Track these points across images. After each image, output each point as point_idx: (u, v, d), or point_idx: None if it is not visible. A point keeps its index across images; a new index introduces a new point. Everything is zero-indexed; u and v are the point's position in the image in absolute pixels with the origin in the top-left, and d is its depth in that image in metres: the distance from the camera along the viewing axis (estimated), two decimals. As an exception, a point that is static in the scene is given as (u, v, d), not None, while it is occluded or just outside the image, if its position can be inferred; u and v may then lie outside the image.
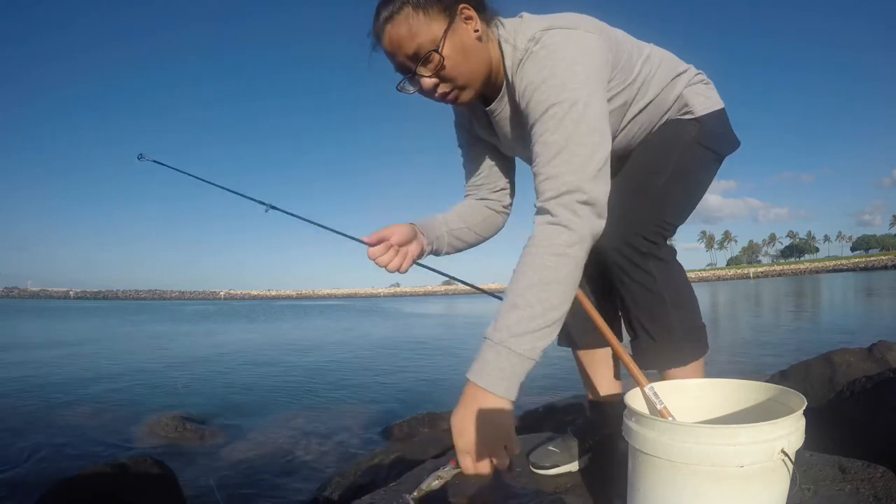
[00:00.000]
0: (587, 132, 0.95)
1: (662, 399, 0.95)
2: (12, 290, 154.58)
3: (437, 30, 1.01)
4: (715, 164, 1.27)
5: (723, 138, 1.26)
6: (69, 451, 3.65)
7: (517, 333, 0.88)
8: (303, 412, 4.83)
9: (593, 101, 0.98)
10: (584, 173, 0.93)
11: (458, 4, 1.03)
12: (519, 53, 1.05)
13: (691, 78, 1.25)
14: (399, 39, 1.01)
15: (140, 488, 2.23)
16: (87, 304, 65.67)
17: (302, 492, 2.84)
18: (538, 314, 0.88)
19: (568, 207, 0.92)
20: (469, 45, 1.04)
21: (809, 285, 38.26)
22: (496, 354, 0.88)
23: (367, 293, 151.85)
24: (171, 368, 8.02)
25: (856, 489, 1.04)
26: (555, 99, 0.97)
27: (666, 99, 1.22)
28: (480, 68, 1.07)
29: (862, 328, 9.14)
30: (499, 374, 0.88)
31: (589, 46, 1.03)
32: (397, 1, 1.01)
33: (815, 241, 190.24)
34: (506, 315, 0.90)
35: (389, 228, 1.18)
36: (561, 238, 0.91)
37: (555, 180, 0.93)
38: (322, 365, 8.17)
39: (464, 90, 1.08)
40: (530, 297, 0.89)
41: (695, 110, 1.22)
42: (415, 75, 1.05)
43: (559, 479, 1.23)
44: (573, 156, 0.94)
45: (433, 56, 1.01)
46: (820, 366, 2.59)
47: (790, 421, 0.77)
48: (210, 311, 39.34)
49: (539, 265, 0.90)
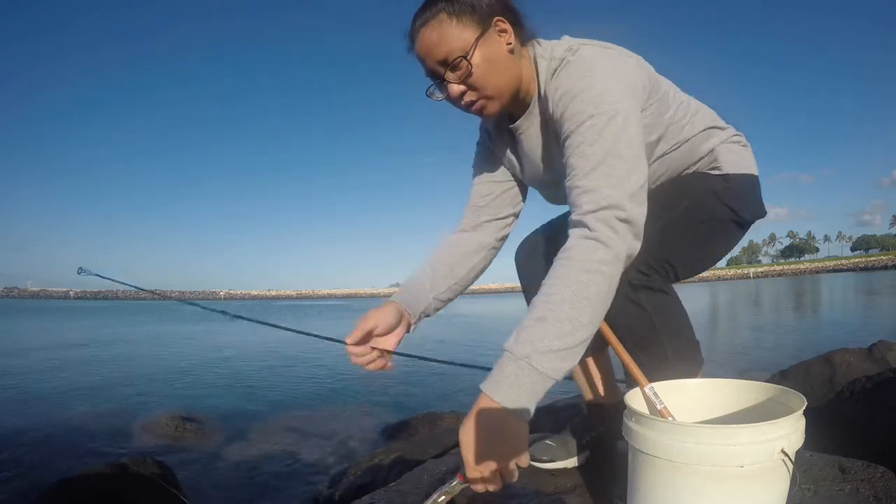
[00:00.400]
0: (626, 146, 0.93)
1: (662, 399, 0.95)
2: (12, 290, 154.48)
3: (469, 37, 1.01)
4: (734, 226, 1.22)
5: (746, 202, 1.21)
6: (69, 451, 3.65)
7: (541, 350, 0.84)
8: (302, 412, 4.82)
9: (632, 117, 0.96)
10: (622, 189, 0.90)
11: (494, 16, 1.03)
12: (554, 63, 1.05)
13: (728, 136, 1.23)
14: (431, 44, 1.02)
15: (140, 488, 2.23)
16: (87, 304, 65.65)
17: (302, 491, 2.84)
18: (566, 332, 0.85)
19: (606, 223, 0.89)
20: (499, 57, 1.04)
21: (809, 285, 38.25)
22: (517, 369, 0.84)
23: (367, 293, 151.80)
24: (171, 368, 8.01)
25: (856, 489, 1.04)
26: (594, 109, 0.95)
27: (697, 148, 1.19)
28: (509, 81, 1.07)
29: (862, 328, 9.14)
30: (517, 390, 0.84)
31: (627, 65, 1.03)
32: (434, 7, 1.02)
33: (815, 241, 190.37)
34: (531, 328, 0.85)
35: (372, 317, 1.12)
36: (597, 254, 0.88)
37: (593, 194, 0.90)
38: (322, 365, 8.17)
39: (491, 100, 1.07)
40: (560, 312, 0.85)
41: (723, 167, 1.19)
42: (443, 81, 1.05)
43: (559, 478, 1.23)
44: (612, 169, 0.91)
45: (461, 63, 1.01)
46: (820, 366, 2.58)
47: (790, 421, 0.77)
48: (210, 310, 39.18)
49: (572, 280, 0.87)
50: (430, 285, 1.24)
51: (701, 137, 1.19)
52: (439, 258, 1.28)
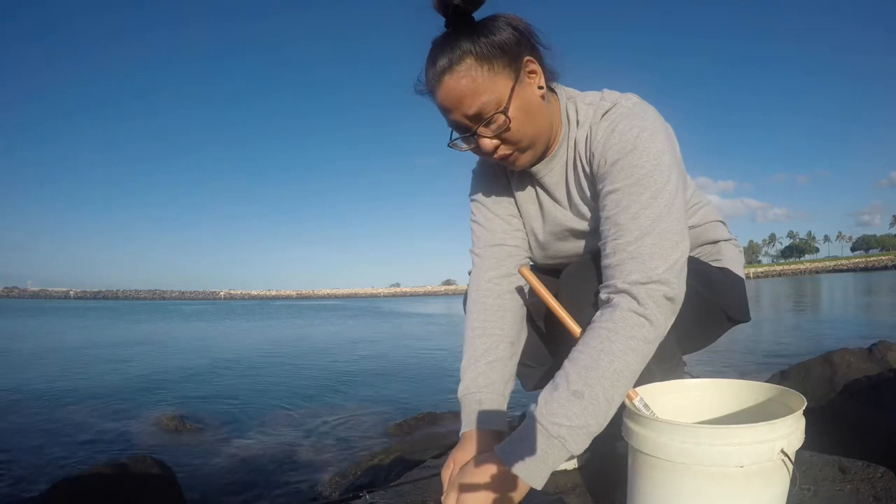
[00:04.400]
0: (677, 219, 0.88)
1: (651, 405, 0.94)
2: (12, 290, 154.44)
3: (503, 87, 0.90)
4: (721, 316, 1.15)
5: (735, 299, 1.16)
6: (69, 450, 3.65)
7: (576, 429, 0.81)
8: (302, 412, 4.82)
9: (681, 188, 0.92)
10: (670, 262, 0.86)
11: (523, 57, 0.92)
12: (605, 104, 0.97)
13: (732, 237, 1.22)
14: (459, 96, 0.89)
15: (140, 488, 2.23)
16: (87, 304, 65.63)
17: (302, 491, 2.84)
18: (602, 412, 0.82)
19: (655, 300, 0.85)
20: (534, 105, 0.95)
21: (809, 286, 38.24)
22: (548, 446, 0.81)
23: (366, 293, 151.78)
24: (171, 367, 8.01)
25: (856, 489, 1.04)
26: (651, 168, 0.88)
27: (705, 234, 1.17)
28: (543, 130, 0.98)
29: (862, 328, 9.14)
30: (542, 465, 0.82)
31: (672, 133, 0.98)
32: (458, 49, 0.88)
33: (815, 242, 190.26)
34: (566, 403, 0.82)
35: (461, 461, 0.94)
36: (643, 332, 0.84)
37: (643, 263, 0.86)
38: (322, 365, 8.17)
39: (525, 152, 0.98)
40: (599, 389, 0.82)
41: (724, 262, 1.17)
42: (473, 135, 0.94)
43: (559, 478, 1.23)
44: (663, 239, 0.86)
45: (498, 118, 0.91)
46: (820, 366, 2.59)
47: (790, 421, 0.77)
48: (209, 311, 39.32)
49: (616, 357, 0.83)
50: (502, 389, 1.05)
51: (709, 227, 1.17)
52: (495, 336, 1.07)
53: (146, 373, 7.53)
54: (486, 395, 1.02)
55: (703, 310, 1.05)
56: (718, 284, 1.13)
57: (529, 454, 0.82)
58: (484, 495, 0.83)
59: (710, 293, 1.09)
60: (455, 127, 0.95)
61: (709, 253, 1.19)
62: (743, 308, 1.19)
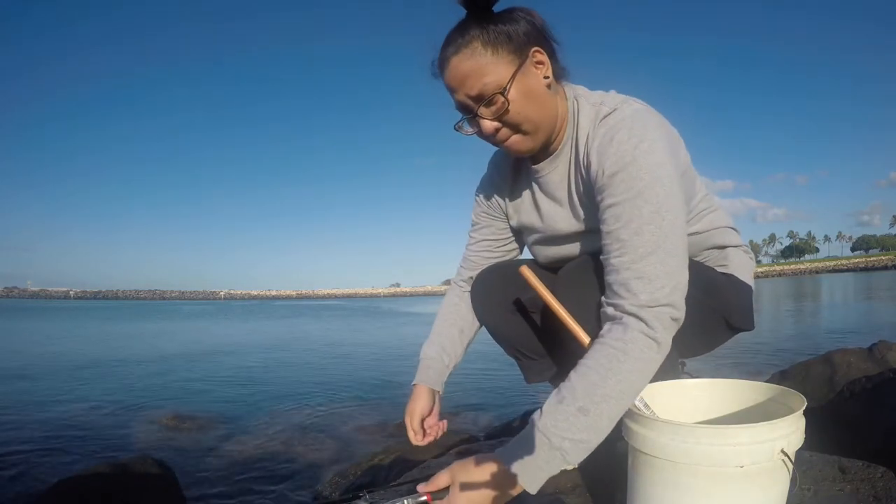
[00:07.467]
0: (680, 235, 0.89)
1: (651, 407, 0.94)
2: (12, 290, 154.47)
3: (505, 71, 0.94)
4: (720, 323, 1.16)
5: (737, 306, 1.16)
6: (69, 450, 3.65)
7: (577, 443, 0.83)
8: (302, 412, 4.82)
9: (681, 200, 0.91)
10: (675, 282, 0.87)
11: (531, 47, 0.96)
12: (605, 108, 0.97)
13: (742, 244, 1.21)
14: (463, 76, 0.95)
15: (140, 488, 2.23)
16: (87, 304, 65.63)
17: (301, 491, 2.84)
18: (603, 428, 0.85)
19: (663, 322, 0.86)
20: (537, 91, 0.97)
21: (809, 286, 38.24)
22: (549, 456, 0.84)
23: (366, 293, 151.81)
24: (171, 367, 8.01)
25: (856, 489, 1.04)
26: (650, 180, 0.87)
27: (711, 238, 1.16)
28: (547, 117, 1.00)
29: (862, 328, 9.13)
30: (540, 473, 0.85)
31: (674, 138, 0.99)
32: (467, 34, 0.94)
33: (815, 242, 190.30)
34: (571, 417, 0.84)
35: (416, 411, 1.29)
36: (650, 353, 0.86)
37: (650, 283, 0.86)
38: (321, 365, 8.17)
39: (526, 136, 1.00)
40: (604, 407, 0.83)
41: (730, 267, 1.17)
42: (475, 116, 0.98)
43: (559, 478, 1.23)
44: (669, 258, 0.87)
45: (497, 99, 0.94)
46: (820, 366, 2.58)
47: (790, 421, 0.77)
48: (209, 311, 39.32)
49: (624, 378, 0.84)
50: (447, 360, 1.32)
51: (717, 233, 1.16)
52: (447, 322, 1.34)
53: (146, 373, 7.53)
54: (432, 363, 1.31)
55: (701, 316, 1.04)
56: (720, 290, 1.13)
57: (529, 460, 0.85)
58: (482, 493, 0.86)
59: (710, 298, 1.09)
60: (459, 108, 1.01)
61: (715, 258, 1.19)
62: (746, 316, 1.18)
